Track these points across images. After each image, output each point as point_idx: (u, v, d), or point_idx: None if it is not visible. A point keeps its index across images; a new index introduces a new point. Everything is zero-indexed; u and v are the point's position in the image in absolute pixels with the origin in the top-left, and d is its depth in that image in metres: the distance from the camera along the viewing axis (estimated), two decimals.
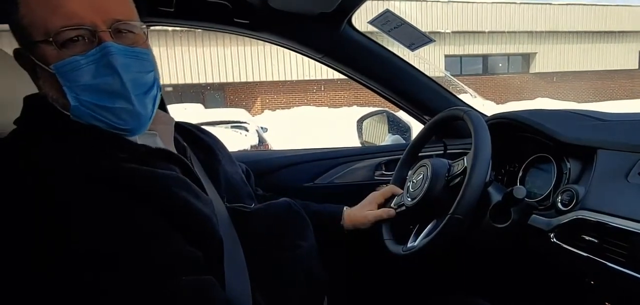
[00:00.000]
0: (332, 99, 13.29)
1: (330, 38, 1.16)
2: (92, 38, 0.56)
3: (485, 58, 15.06)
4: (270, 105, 12.88)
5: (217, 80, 12.08)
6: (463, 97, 1.37)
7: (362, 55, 1.22)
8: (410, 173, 0.92)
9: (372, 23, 1.10)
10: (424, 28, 1.26)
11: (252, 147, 5.47)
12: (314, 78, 12.63)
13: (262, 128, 6.40)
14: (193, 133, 0.81)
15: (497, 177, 1.06)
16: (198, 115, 6.10)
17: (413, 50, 1.14)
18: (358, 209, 0.94)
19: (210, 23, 1.13)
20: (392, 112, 1.46)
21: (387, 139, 1.43)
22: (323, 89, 13.28)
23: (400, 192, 0.94)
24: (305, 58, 1.26)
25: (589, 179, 0.76)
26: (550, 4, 14.64)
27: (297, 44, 1.20)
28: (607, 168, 0.75)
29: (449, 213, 0.73)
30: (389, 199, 0.96)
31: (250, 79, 12.33)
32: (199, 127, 0.86)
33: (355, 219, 0.93)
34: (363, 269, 1.15)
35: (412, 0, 12.75)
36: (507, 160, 1.05)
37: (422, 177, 0.84)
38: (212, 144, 0.82)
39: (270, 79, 12.50)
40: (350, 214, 0.93)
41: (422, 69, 1.26)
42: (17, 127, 0.59)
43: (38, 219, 0.48)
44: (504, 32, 14.19)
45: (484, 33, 14.05)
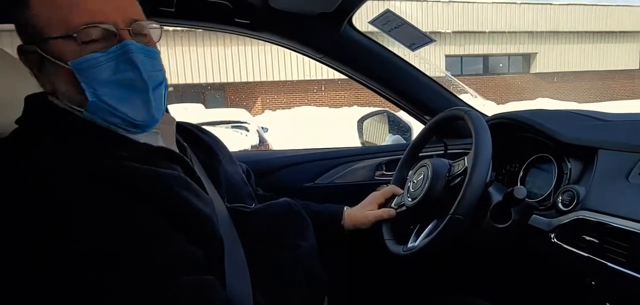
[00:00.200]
0: (332, 99, 13.28)
1: (331, 38, 1.17)
2: (111, 36, 0.57)
3: (486, 58, 15.04)
4: (271, 105, 12.87)
5: (217, 80, 12.08)
6: (464, 97, 1.37)
7: (362, 55, 1.22)
8: (411, 173, 0.92)
9: (372, 23, 1.10)
10: (425, 28, 1.26)
11: (252, 147, 5.47)
12: (315, 78, 12.62)
13: (262, 128, 6.40)
14: (193, 133, 0.81)
15: (497, 177, 1.05)
16: (198, 115, 6.09)
17: (413, 50, 1.14)
18: (358, 209, 0.94)
19: (211, 23, 1.13)
20: (392, 112, 1.46)
21: (387, 139, 1.43)
22: (323, 89, 13.27)
23: (401, 192, 0.94)
24: (306, 58, 1.26)
25: (590, 179, 0.76)
26: (551, 4, 14.64)
27: (297, 44, 1.20)
28: (607, 168, 0.75)
29: (450, 213, 0.73)
30: (390, 199, 0.96)
31: (251, 79, 12.32)
32: (200, 127, 0.86)
33: (356, 219, 0.93)
34: (363, 269, 1.15)
35: (412, 0, 12.74)
36: (507, 161, 1.05)
37: (422, 177, 0.84)
38: (212, 144, 0.82)
39: (271, 79, 12.50)
40: (351, 214, 0.93)
41: (422, 69, 1.26)
42: (18, 126, 0.59)
43: (39, 219, 0.48)
44: (505, 32, 14.17)
45: (485, 33, 14.03)
